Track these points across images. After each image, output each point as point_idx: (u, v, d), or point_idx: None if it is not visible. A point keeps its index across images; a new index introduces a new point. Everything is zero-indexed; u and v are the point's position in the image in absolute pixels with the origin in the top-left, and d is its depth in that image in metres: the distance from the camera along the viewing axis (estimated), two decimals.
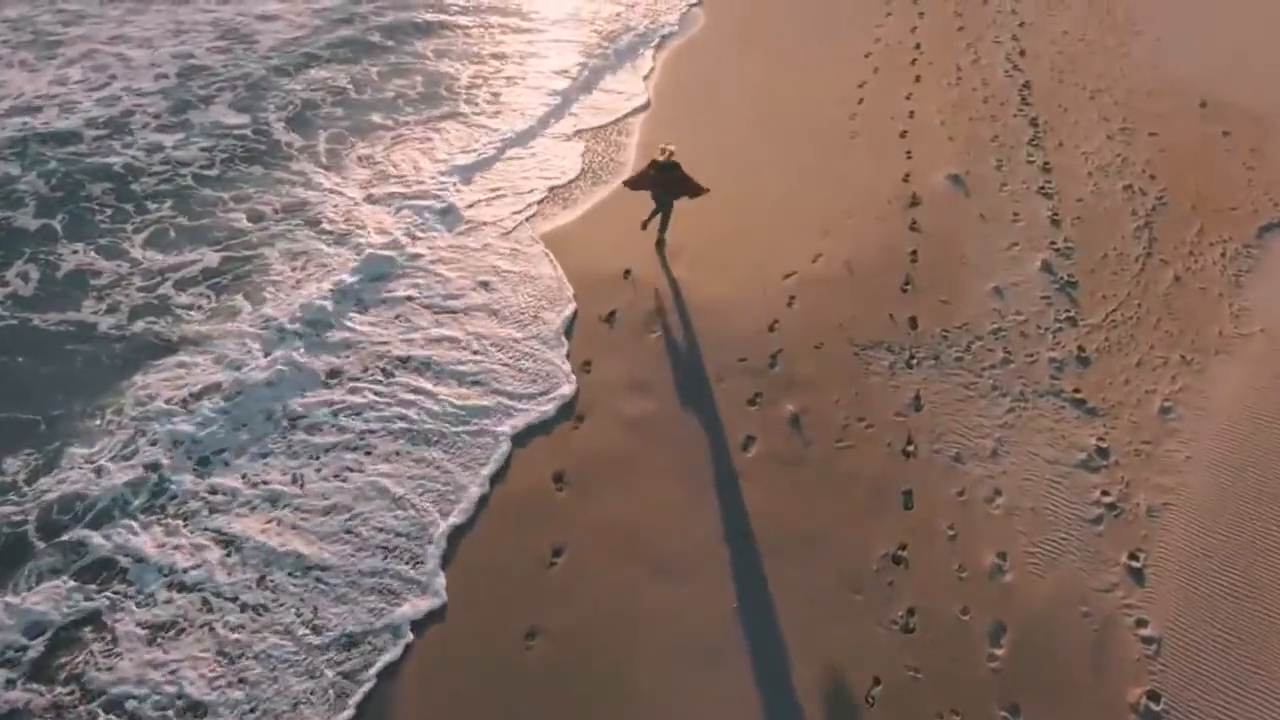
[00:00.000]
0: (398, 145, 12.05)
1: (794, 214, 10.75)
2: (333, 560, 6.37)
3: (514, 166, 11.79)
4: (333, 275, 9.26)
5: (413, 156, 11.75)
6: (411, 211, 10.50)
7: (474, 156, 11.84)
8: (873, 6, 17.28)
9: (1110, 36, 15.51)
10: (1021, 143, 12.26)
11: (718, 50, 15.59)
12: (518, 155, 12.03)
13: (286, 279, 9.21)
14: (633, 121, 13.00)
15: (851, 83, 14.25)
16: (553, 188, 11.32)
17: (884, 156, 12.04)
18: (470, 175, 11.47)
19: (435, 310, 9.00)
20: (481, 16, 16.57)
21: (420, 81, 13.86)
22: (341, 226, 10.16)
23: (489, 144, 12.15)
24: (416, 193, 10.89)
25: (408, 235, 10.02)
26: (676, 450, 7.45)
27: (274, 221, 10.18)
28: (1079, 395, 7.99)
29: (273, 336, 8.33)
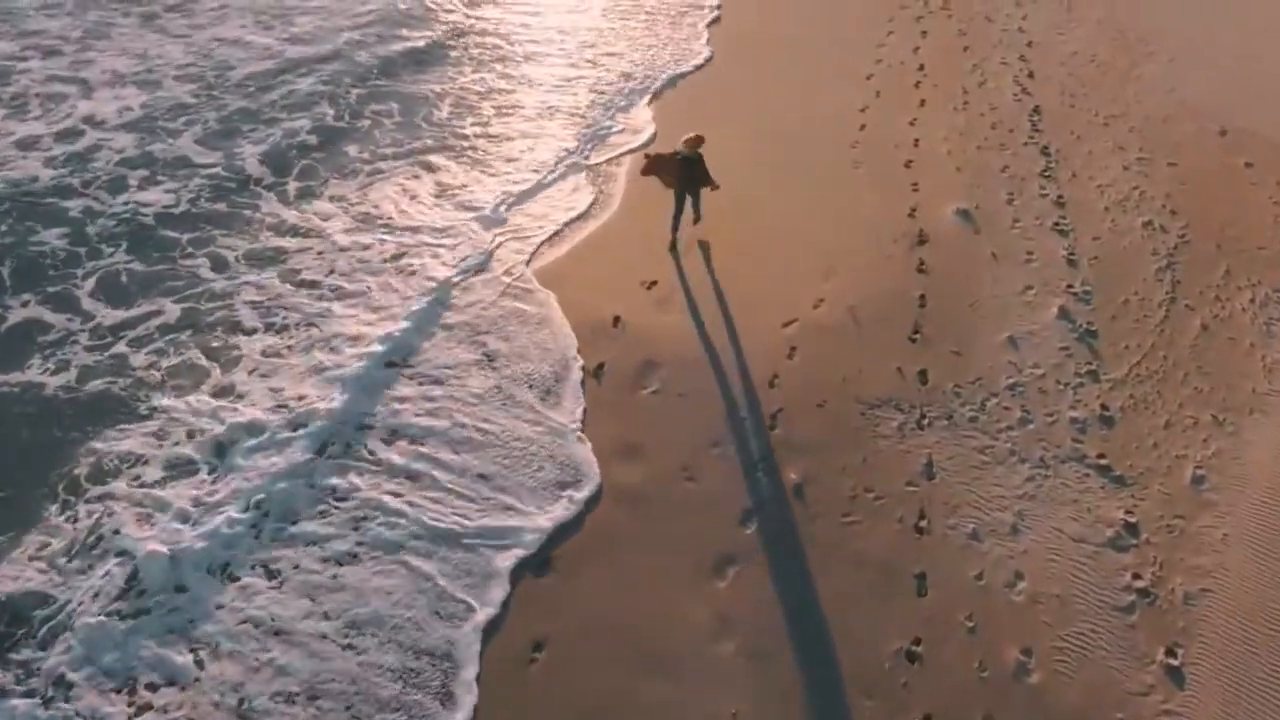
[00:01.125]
0: (382, 183, 11.61)
1: (794, 253, 10.37)
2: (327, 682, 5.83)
3: (509, 204, 11.38)
4: (307, 333, 8.80)
5: (397, 196, 11.32)
6: (395, 257, 10.05)
7: (466, 195, 11.43)
8: (874, 24, 17.02)
9: (1122, 57, 15.23)
10: (1033, 174, 11.92)
11: (721, 78, 15.27)
12: (512, 193, 11.58)
13: (253, 343, 8.69)
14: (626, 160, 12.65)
15: (853, 107, 13.93)
16: (566, 224, 10.94)
17: (888, 189, 11.69)
18: (462, 215, 11.02)
19: (427, 382, 8.36)
20: (477, 48, 15.99)
21: (406, 114, 13.44)
22: (316, 275, 9.71)
23: (482, 181, 11.73)
24: (401, 235, 10.46)
25: (389, 287, 9.55)
26: (669, 526, 7.01)
27: (241, 270, 9.73)
28: (1104, 461, 7.58)
29: (239, 421, 7.70)
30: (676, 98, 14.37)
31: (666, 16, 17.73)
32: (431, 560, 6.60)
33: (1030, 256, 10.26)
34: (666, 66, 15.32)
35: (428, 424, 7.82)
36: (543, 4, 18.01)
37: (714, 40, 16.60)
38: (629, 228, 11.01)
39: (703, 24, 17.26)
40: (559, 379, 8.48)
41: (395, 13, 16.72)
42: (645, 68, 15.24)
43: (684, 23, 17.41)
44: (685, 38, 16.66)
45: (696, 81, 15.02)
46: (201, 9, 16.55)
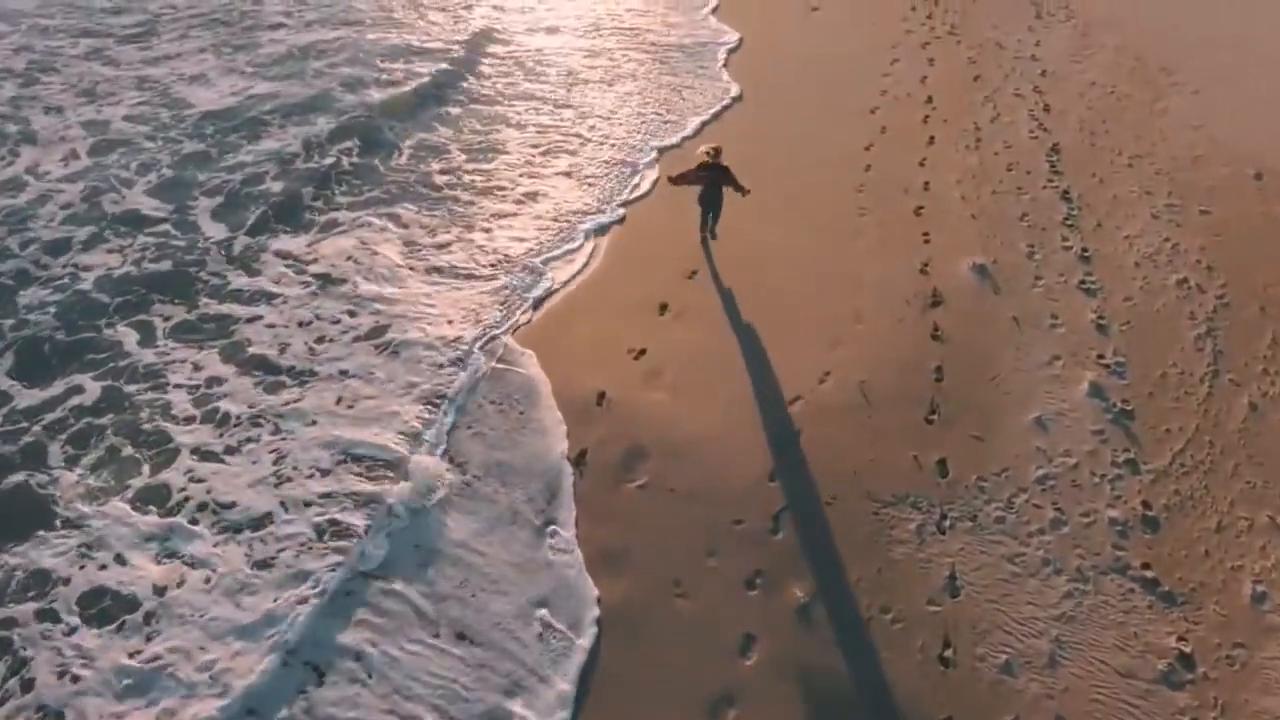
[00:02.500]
0: (349, 238, 10.98)
1: (796, 318, 9.78)
2: None
3: (500, 266, 10.71)
4: (247, 428, 8.10)
5: (367, 254, 10.68)
6: (371, 332, 9.37)
7: (445, 255, 10.79)
8: (877, 51, 16.55)
9: (1144, 89, 14.76)
10: (1055, 223, 11.36)
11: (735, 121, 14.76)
12: (493, 252, 10.94)
13: (175, 438, 7.98)
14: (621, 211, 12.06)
15: (857, 144, 13.41)
16: (550, 291, 10.27)
17: (898, 240, 11.12)
18: (438, 278, 10.39)
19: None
20: (468, 89, 15.23)
21: (381, 159, 12.81)
22: (260, 351, 9.05)
23: (462, 239, 11.06)
24: (370, 302, 9.80)
25: (345, 371, 8.84)
26: (658, 657, 6.36)
27: (171, 344, 9.05)
28: (1150, 573, 6.95)
29: (163, 537, 7.00)
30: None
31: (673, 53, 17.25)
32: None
33: (1055, 321, 9.67)
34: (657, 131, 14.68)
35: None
36: (539, 48, 17.48)
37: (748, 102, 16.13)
38: (615, 289, 10.42)
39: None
40: (552, 494, 7.77)
41: (366, 42, 16.12)
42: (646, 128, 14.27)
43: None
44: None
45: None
46: (159, 38, 15.99)
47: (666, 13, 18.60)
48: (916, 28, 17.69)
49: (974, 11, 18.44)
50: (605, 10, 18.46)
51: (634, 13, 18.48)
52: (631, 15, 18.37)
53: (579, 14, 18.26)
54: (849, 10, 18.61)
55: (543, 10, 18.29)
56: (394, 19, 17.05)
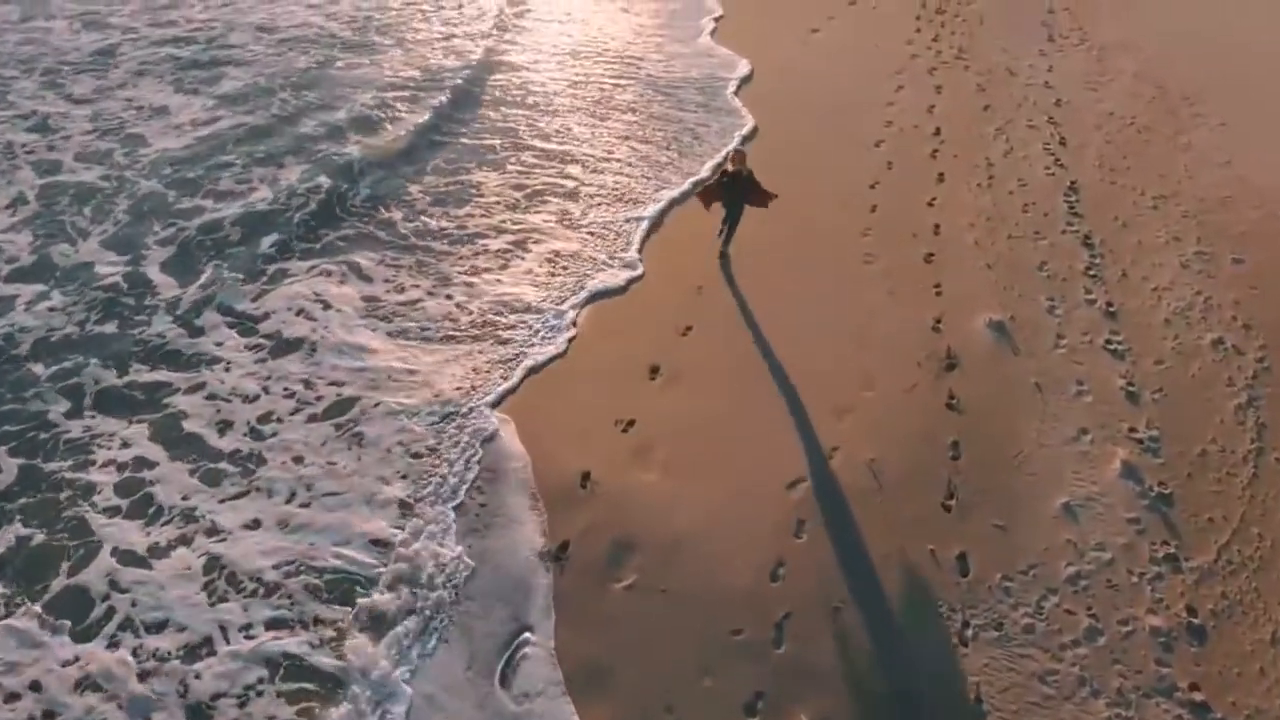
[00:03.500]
0: (305, 291, 10.41)
1: (799, 382, 9.26)
2: None
3: (479, 327, 10.14)
4: (179, 524, 7.48)
5: (321, 312, 10.11)
6: (334, 408, 8.76)
7: (414, 315, 10.22)
8: (881, 77, 16.13)
9: (1166, 121, 14.32)
10: (1076, 273, 10.86)
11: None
12: (480, 307, 10.37)
13: (96, 531, 7.36)
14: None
15: (862, 182, 12.92)
16: (532, 367, 9.63)
17: (907, 292, 10.62)
18: (409, 339, 9.80)
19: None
20: (449, 127, 14.48)
21: (350, 199, 12.23)
22: (197, 429, 8.43)
23: (435, 295, 10.50)
24: (326, 372, 9.21)
25: (298, 458, 8.22)
26: None
27: (100, 416, 8.45)
28: (1199, 697, 6.39)
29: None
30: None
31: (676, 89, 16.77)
32: None
33: (1081, 388, 9.13)
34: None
35: None
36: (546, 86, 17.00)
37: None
38: (602, 347, 9.90)
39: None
40: (525, 601, 7.18)
41: (339, 71, 15.58)
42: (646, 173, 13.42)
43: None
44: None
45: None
46: (115, 67, 15.44)
47: (663, 42, 18.01)
48: (922, 51, 17.27)
49: (982, 34, 18.04)
50: (600, 44, 17.80)
51: (630, 44, 17.92)
52: (629, 47, 17.78)
53: (572, 48, 17.63)
54: (850, 32, 18.19)
55: (531, 42, 17.65)
56: (369, 45, 16.52)
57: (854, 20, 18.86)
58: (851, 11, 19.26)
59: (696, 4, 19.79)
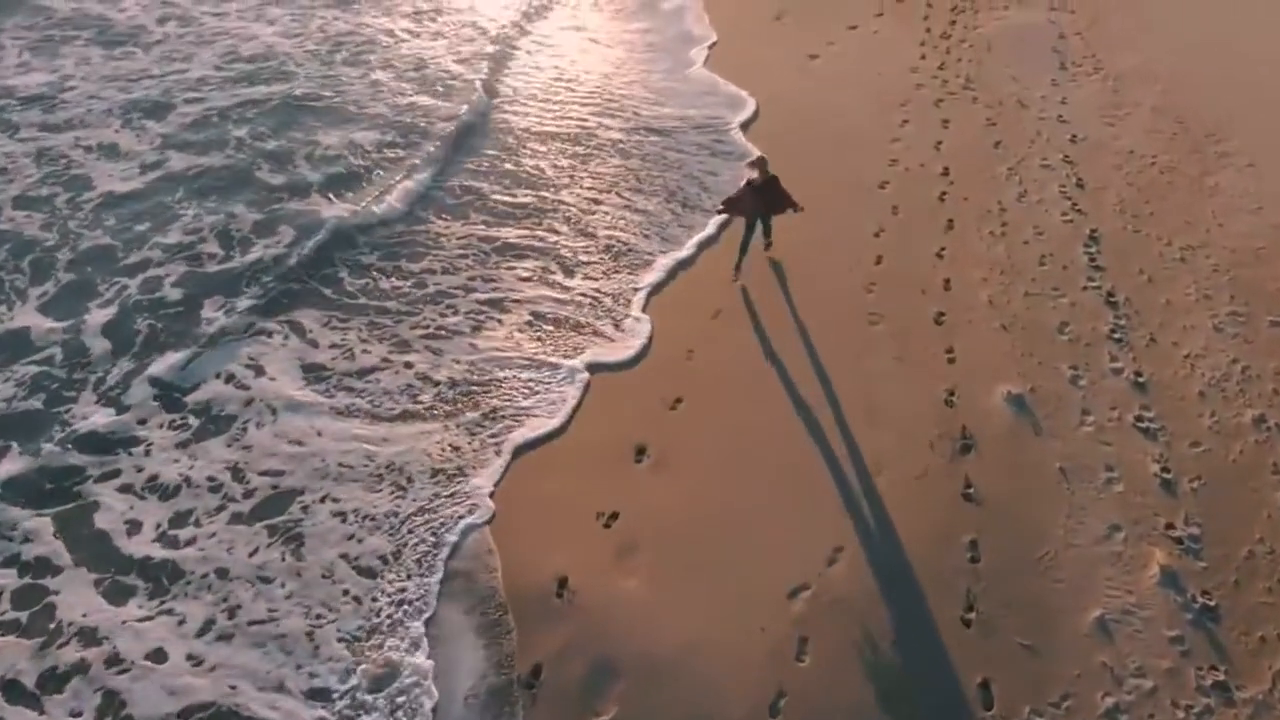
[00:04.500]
0: (243, 357, 9.77)
1: (799, 468, 8.71)
2: None
3: (446, 402, 9.51)
4: (76, 647, 6.78)
5: (259, 383, 9.50)
6: (237, 500, 8.10)
7: (368, 380, 9.59)
8: (884, 110, 15.61)
9: (1190, 160, 13.82)
10: (1100, 336, 10.29)
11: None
12: (446, 377, 9.74)
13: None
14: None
15: (866, 229, 12.38)
16: (516, 448, 9.01)
17: (917, 358, 10.07)
18: (366, 419, 9.17)
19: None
20: (416, 158, 13.81)
21: (304, 251, 11.58)
22: (105, 526, 7.77)
23: (402, 373, 9.85)
24: (261, 457, 8.56)
25: (221, 570, 7.50)
26: None
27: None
28: None
29: None
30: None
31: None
32: None
33: (1111, 474, 8.54)
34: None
35: None
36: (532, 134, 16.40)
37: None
38: (584, 425, 9.31)
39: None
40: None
41: (300, 105, 14.90)
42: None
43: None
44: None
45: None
46: (64, 102, 14.81)
47: (652, 75, 17.31)
48: (928, 80, 16.76)
49: (990, 61, 17.56)
50: (581, 77, 17.09)
51: (613, 76, 17.31)
52: (611, 80, 17.16)
53: (548, 81, 16.97)
54: (852, 59, 17.69)
55: (506, 76, 16.88)
56: (334, 77, 15.85)
57: (855, 45, 18.36)
58: (852, 36, 18.77)
59: (684, 32, 19.15)
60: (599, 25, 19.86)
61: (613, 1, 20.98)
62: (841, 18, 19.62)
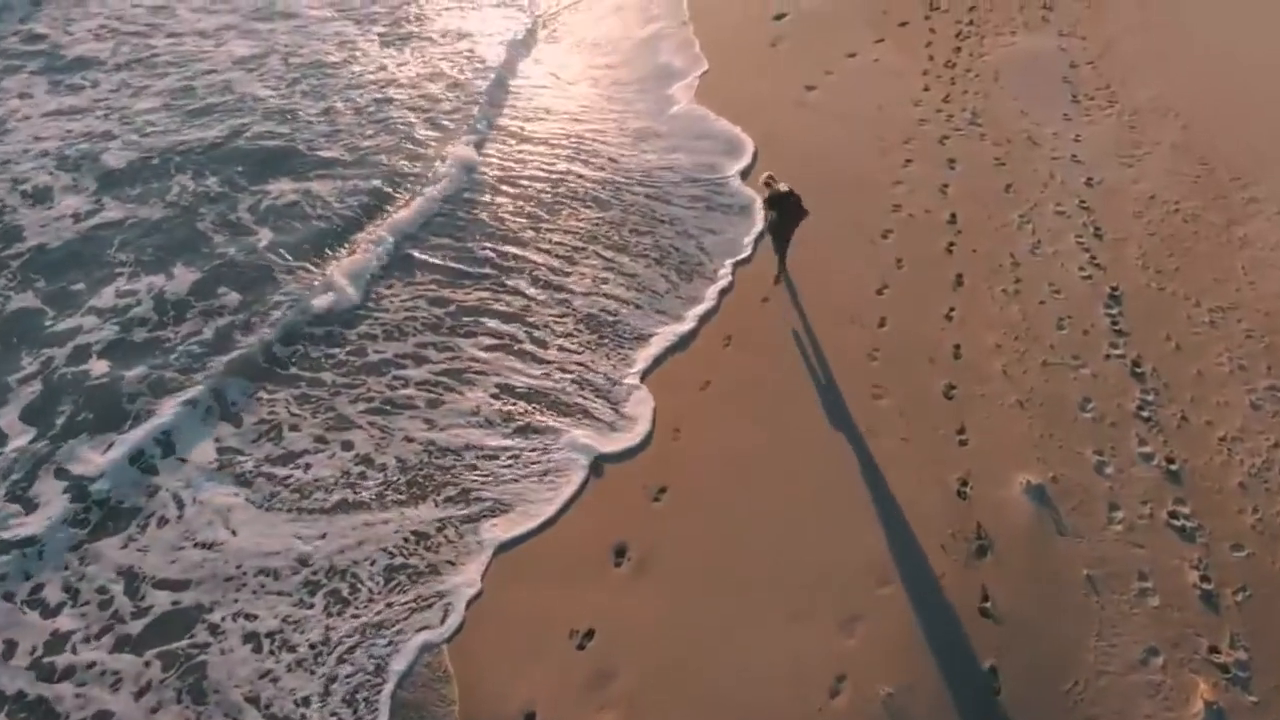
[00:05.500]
0: (156, 428, 9.07)
1: (794, 574, 8.07)
2: None
3: (398, 490, 8.84)
4: None
5: (168, 464, 8.77)
6: (126, 618, 7.38)
7: (294, 474, 8.90)
8: (886, 148, 15.09)
9: (1215, 207, 13.28)
10: (1127, 414, 9.68)
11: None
12: (398, 474, 9.05)
13: None
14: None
15: (868, 284, 11.79)
16: (500, 544, 8.41)
17: (926, 439, 9.47)
18: (308, 517, 8.47)
19: None
20: (377, 212, 13.05)
21: (243, 311, 10.92)
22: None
23: (331, 445, 9.24)
24: (157, 562, 7.84)
25: (94, 702, 6.79)
26: None
27: None
28: None
29: None
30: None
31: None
32: None
33: (1145, 585, 7.90)
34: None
35: None
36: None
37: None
38: (558, 531, 8.66)
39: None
40: None
41: (252, 145, 14.17)
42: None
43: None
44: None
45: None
46: (2, 140, 14.14)
47: (632, 111, 16.65)
48: (932, 115, 16.22)
49: (998, 93, 17.04)
50: (554, 112, 16.50)
51: (587, 110, 16.68)
52: (586, 111, 16.57)
53: (517, 118, 16.32)
54: (851, 91, 17.14)
55: (479, 123, 15.97)
56: (292, 111, 15.09)
57: (854, 75, 17.84)
58: (850, 65, 18.25)
59: (671, 63, 18.51)
60: (575, 58, 19.05)
61: (593, 30, 20.35)
62: (840, 44, 19.11)
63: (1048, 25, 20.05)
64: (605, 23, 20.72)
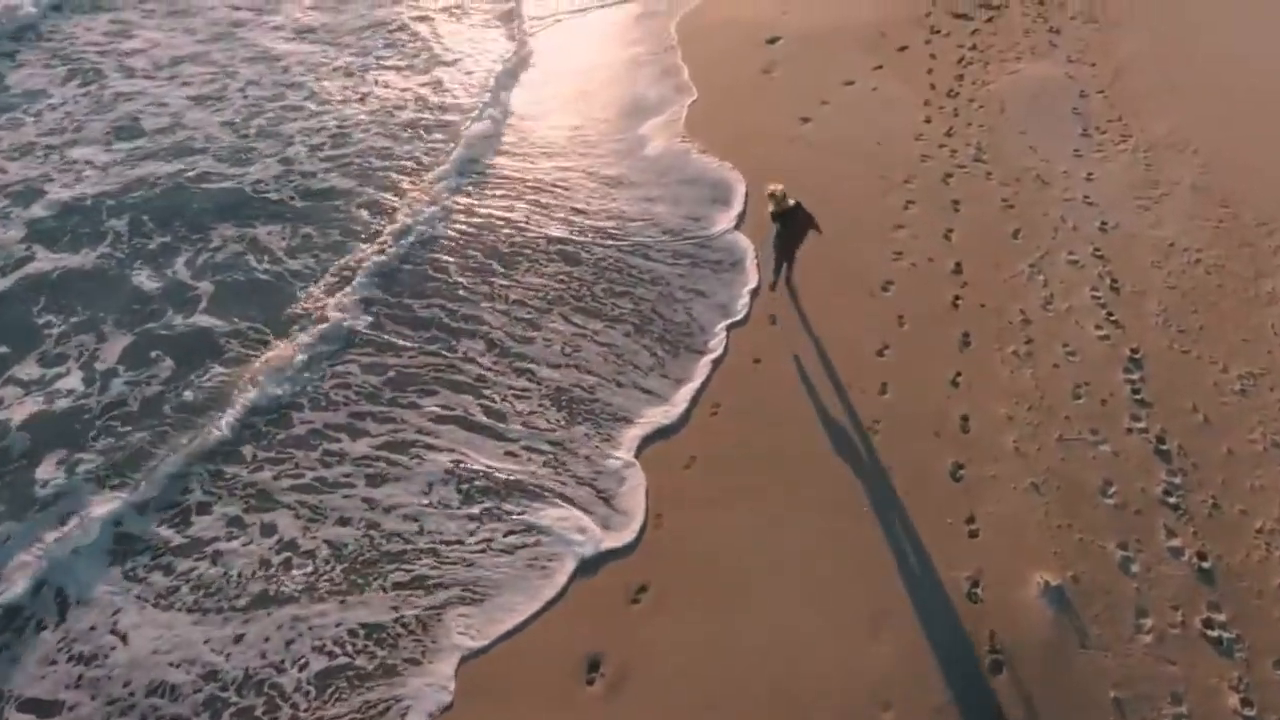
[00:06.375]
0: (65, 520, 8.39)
1: (785, 704, 7.33)
2: None
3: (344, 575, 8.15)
4: None
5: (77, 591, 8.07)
6: None
7: (205, 573, 8.21)
8: (886, 188, 14.58)
9: (1240, 257, 12.79)
10: (1152, 500, 9.11)
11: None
12: (351, 561, 8.40)
13: None
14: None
15: (868, 345, 11.25)
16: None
17: (932, 529, 8.95)
18: (183, 612, 7.79)
19: None
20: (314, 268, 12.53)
21: (177, 385, 10.28)
22: None
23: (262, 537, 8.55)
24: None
25: None
26: None
27: None
28: None
29: None
30: None
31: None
32: None
33: (1179, 709, 7.32)
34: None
35: None
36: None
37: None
38: (523, 638, 8.01)
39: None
40: None
41: (196, 188, 13.42)
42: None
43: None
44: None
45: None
46: None
47: (608, 147, 15.93)
48: (934, 150, 15.70)
49: (1004, 126, 16.54)
50: (533, 167, 15.31)
51: (554, 142, 16.07)
52: (553, 145, 16.00)
53: (497, 170, 15.33)
54: (848, 122, 16.62)
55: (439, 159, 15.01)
56: (245, 153, 14.29)
57: (851, 106, 17.32)
58: (848, 95, 17.74)
59: (658, 93, 17.93)
60: (551, 90, 18.08)
61: (573, 58, 19.73)
62: (837, 70, 18.60)
63: (1055, 50, 19.59)
64: (588, 48, 20.19)
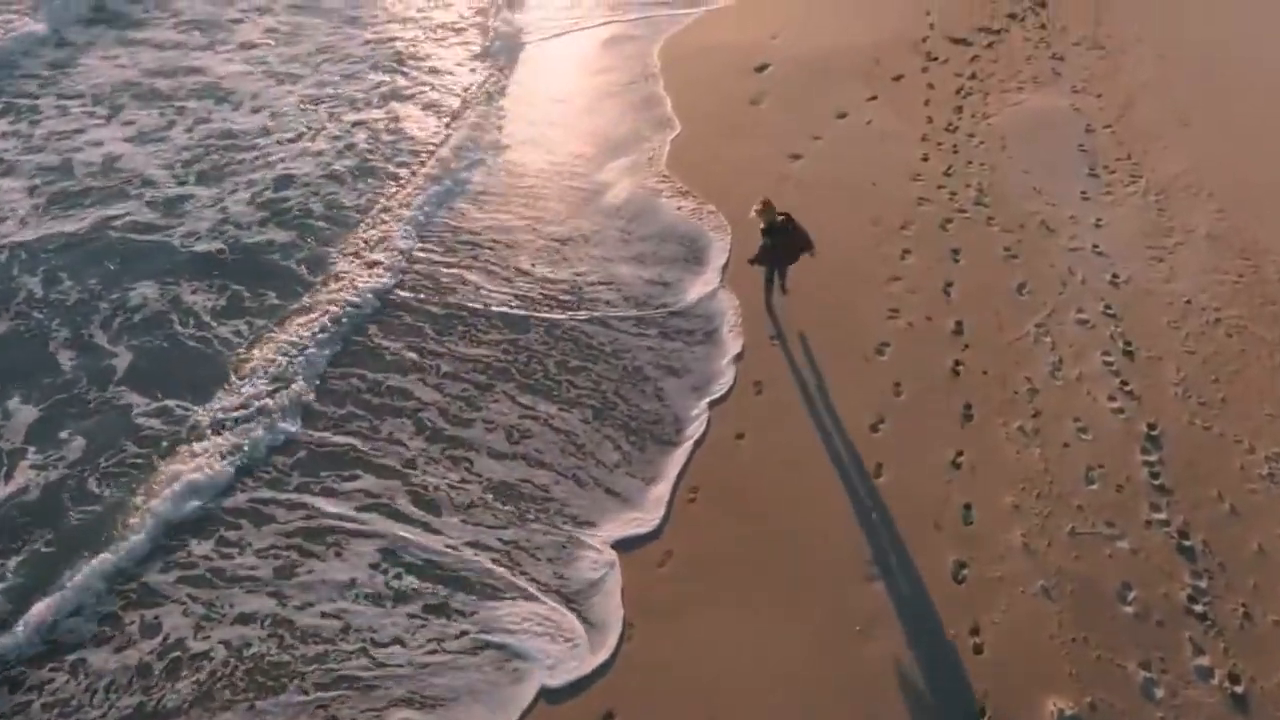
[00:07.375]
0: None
1: None
2: None
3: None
4: None
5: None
6: None
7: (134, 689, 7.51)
8: (882, 236, 14.06)
9: (1264, 317, 12.28)
10: (1176, 608, 8.51)
11: None
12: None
13: None
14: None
15: (861, 420, 10.69)
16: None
17: (930, 644, 8.34)
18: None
19: None
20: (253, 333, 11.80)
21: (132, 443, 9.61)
22: None
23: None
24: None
25: None
26: None
27: None
28: None
29: None
30: None
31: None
32: None
33: None
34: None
35: None
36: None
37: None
38: None
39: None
40: None
41: (130, 240, 12.74)
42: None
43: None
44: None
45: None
46: None
47: (566, 208, 14.95)
48: (933, 193, 15.18)
49: (1006, 165, 16.03)
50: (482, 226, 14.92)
51: (519, 188, 15.50)
52: (520, 196, 15.40)
53: (451, 223, 14.75)
54: (841, 160, 16.09)
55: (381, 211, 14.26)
56: (180, 200, 13.55)
57: (844, 141, 16.82)
58: (840, 128, 17.24)
59: (634, 123, 17.38)
60: (518, 128, 17.46)
61: (548, 84, 19.22)
62: (829, 101, 18.13)
63: (1059, 79, 19.19)
64: (564, 76, 19.72)
